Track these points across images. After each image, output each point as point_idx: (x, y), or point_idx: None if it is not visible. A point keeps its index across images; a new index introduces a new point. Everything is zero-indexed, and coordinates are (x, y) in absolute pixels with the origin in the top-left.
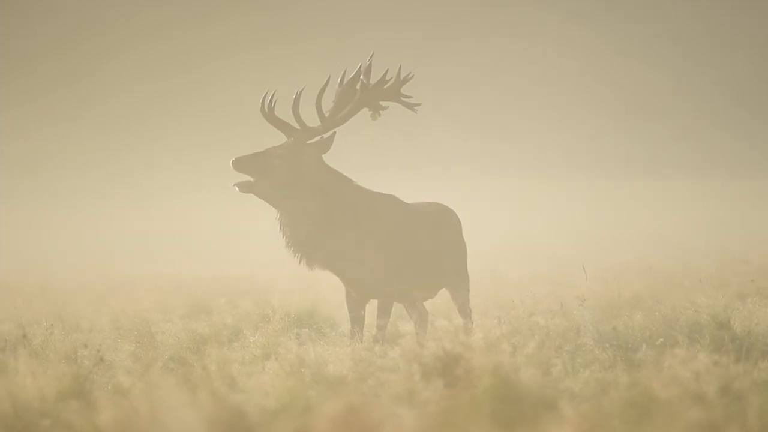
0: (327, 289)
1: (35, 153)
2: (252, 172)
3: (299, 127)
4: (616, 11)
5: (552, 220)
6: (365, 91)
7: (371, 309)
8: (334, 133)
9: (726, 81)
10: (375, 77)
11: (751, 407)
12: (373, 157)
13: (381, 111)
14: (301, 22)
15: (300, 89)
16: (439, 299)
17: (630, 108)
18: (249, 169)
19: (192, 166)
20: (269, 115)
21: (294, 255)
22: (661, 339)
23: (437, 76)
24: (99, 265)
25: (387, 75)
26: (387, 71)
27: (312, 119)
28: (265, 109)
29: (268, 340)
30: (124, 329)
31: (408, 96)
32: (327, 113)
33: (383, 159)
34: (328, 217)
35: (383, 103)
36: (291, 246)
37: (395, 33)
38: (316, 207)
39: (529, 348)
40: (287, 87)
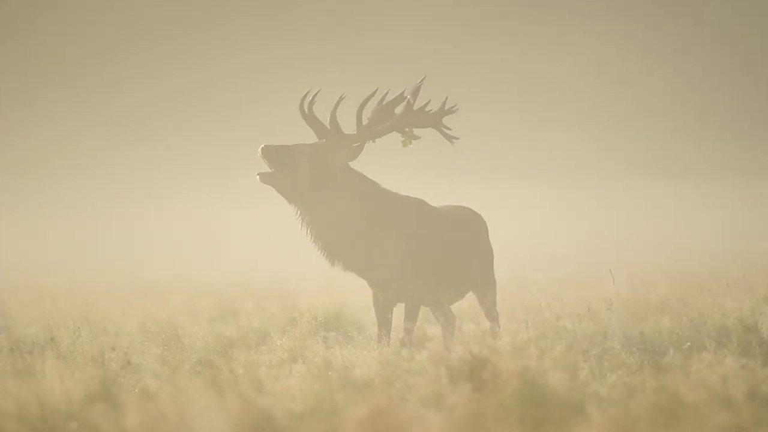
0: (354, 293)
1: (35, 154)
2: (277, 163)
3: (334, 131)
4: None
5: (578, 223)
6: (409, 112)
7: (398, 312)
8: (364, 143)
9: (758, 84)
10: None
11: None
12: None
13: (413, 140)
14: (302, 22)
15: (342, 95)
16: (466, 303)
17: (655, 111)
18: (275, 160)
19: (192, 166)
20: (308, 114)
21: (319, 252)
22: (689, 343)
23: (444, 79)
24: (123, 268)
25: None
26: (429, 101)
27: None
28: (305, 108)
29: (295, 343)
30: (151, 332)
31: (448, 127)
32: (365, 124)
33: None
34: (353, 220)
35: (417, 132)
36: (316, 245)
37: (398, 35)
38: (341, 209)
39: (556, 352)
40: (289, 87)
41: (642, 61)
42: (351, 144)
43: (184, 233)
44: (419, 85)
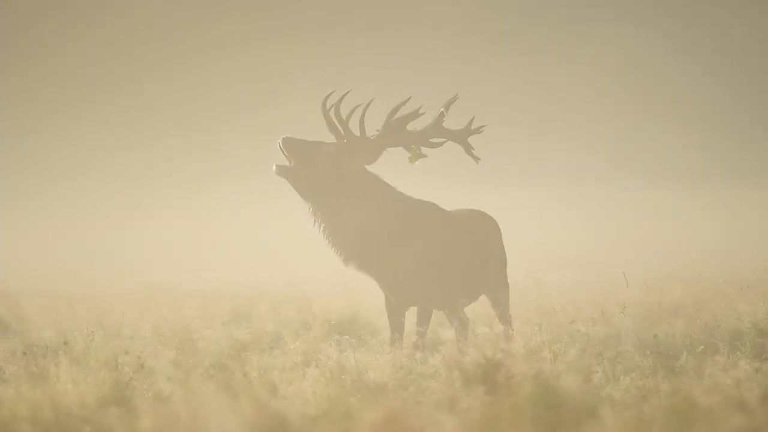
0: (368, 296)
1: (36, 154)
2: (297, 156)
3: (360, 135)
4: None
5: (592, 227)
6: (438, 125)
7: (411, 316)
8: (383, 149)
9: None
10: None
11: None
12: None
13: (421, 158)
14: (302, 22)
15: (370, 99)
16: (480, 306)
17: (670, 117)
18: (295, 153)
19: (193, 166)
20: (330, 115)
21: (333, 251)
22: (702, 346)
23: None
24: (135, 271)
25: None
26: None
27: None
28: (326, 107)
29: (308, 346)
30: (165, 336)
31: (471, 147)
32: (388, 130)
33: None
34: (368, 222)
35: (425, 151)
36: (330, 244)
37: (398, 35)
38: (356, 211)
39: (570, 355)
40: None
41: (655, 68)
42: (372, 148)
43: (192, 235)
44: (452, 101)
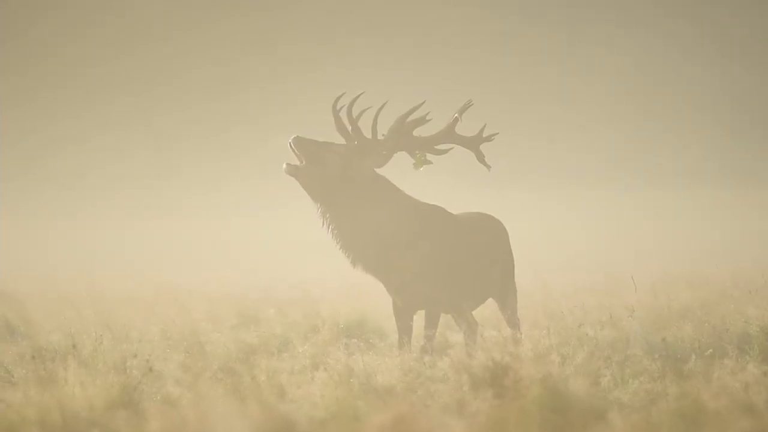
0: (376, 300)
1: (36, 154)
2: (307, 156)
3: (371, 137)
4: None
5: (600, 230)
6: (451, 130)
7: (420, 320)
8: (394, 152)
9: None
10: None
11: None
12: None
13: (426, 164)
14: (302, 23)
15: (384, 102)
16: (488, 309)
17: (678, 118)
18: (306, 152)
19: (196, 169)
20: (340, 116)
21: (341, 252)
22: (711, 350)
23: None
24: (142, 274)
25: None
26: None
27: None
28: (337, 108)
29: (317, 350)
30: (173, 339)
31: (483, 154)
32: (399, 134)
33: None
34: (376, 224)
35: (430, 158)
36: (338, 245)
37: (400, 36)
38: (364, 213)
39: (578, 359)
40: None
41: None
42: (383, 152)
43: (196, 238)
44: (466, 106)
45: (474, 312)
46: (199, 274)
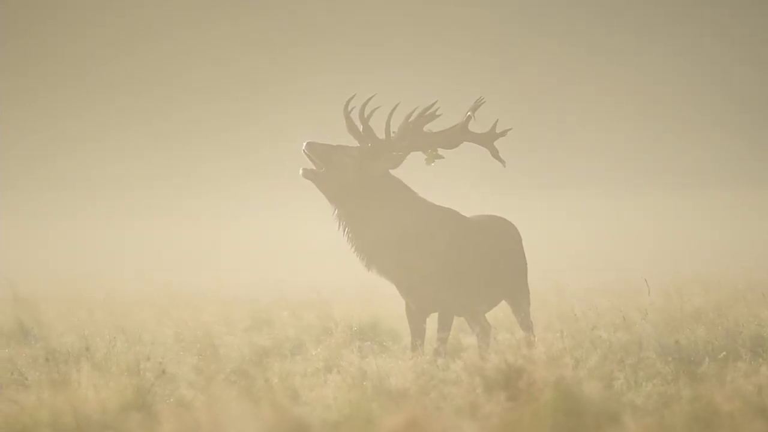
0: (389, 302)
1: (37, 155)
2: (322, 161)
3: (384, 138)
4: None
5: (613, 233)
6: (464, 128)
7: (433, 322)
8: (408, 153)
9: None
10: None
11: None
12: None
13: (438, 158)
14: (303, 23)
15: (397, 103)
16: (501, 312)
17: (690, 120)
18: (320, 158)
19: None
20: (352, 118)
21: (356, 255)
22: (724, 353)
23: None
24: (154, 276)
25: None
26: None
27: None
28: (348, 109)
29: (330, 352)
30: (186, 342)
31: (497, 150)
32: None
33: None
34: (390, 226)
35: (442, 152)
36: (353, 248)
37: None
38: (379, 215)
39: (592, 361)
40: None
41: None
42: (397, 152)
43: (199, 240)
44: (479, 104)
45: (487, 315)
46: (208, 275)
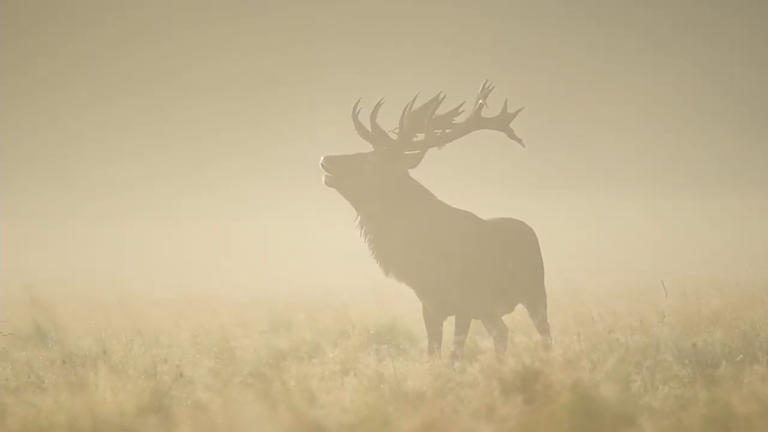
0: (406, 305)
1: (37, 155)
2: (342, 172)
3: (398, 140)
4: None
5: (630, 235)
6: (478, 116)
7: (450, 326)
8: (425, 151)
9: None
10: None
11: None
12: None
13: (448, 141)
14: (304, 24)
15: (408, 104)
16: (518, 315)
17: (708, 121)
18: (340, 169)
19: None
20: (362, 123)
21: (375, 260)
22: (741, 355)
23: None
24: (170, 278)
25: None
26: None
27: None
28: (356, 115)
29: (347, 355)
30: (203, 344)
31: (512, 131)
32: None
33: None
34: (408, 231)
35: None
36: (372, 253)
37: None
38: (398, 220)
39: (609, 364)
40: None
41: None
42: (414, 150)
43: (201, 241)
44: (488, 90)
45: (504, 317)
46: (220, 277)
